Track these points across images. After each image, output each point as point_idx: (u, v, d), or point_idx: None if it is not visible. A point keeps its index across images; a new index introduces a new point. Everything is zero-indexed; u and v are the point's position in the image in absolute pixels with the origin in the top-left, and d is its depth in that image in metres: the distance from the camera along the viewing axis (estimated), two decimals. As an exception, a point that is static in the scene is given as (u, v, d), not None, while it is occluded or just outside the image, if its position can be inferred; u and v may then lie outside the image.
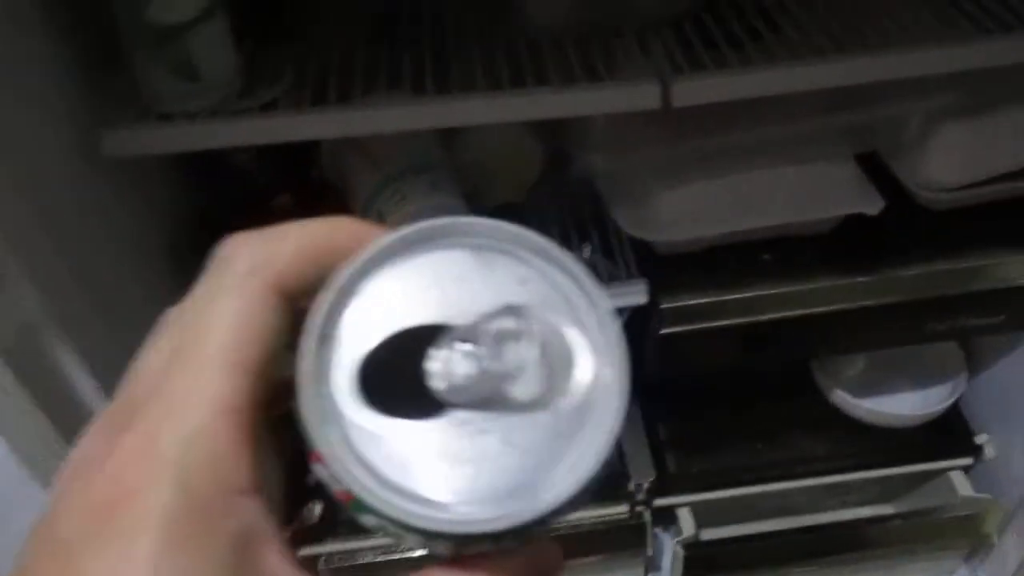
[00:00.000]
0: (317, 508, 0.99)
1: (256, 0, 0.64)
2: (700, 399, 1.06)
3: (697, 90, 0.61)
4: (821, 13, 0.67)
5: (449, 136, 0.80)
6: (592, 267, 0.79)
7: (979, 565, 1.08)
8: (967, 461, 1.02)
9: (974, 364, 1.02)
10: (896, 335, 0.86)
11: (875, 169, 0.78)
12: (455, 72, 0.63)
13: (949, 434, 1.02)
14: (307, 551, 0.98)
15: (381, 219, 0.72)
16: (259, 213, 0.77)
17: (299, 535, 0.98)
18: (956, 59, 0.62)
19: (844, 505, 1.13)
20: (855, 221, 0.77)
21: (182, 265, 0.76)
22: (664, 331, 0.79)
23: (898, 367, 1.04)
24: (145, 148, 0.60)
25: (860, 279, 0.78)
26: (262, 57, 0.66)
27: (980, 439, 1.01)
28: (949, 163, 0.75)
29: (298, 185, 0.82)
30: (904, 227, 0.79)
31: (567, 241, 0.82)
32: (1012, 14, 0.63)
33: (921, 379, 1.04)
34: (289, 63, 0.65)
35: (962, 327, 0.86)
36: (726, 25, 0.66)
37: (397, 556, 0.98)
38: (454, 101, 0.61)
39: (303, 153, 0.81)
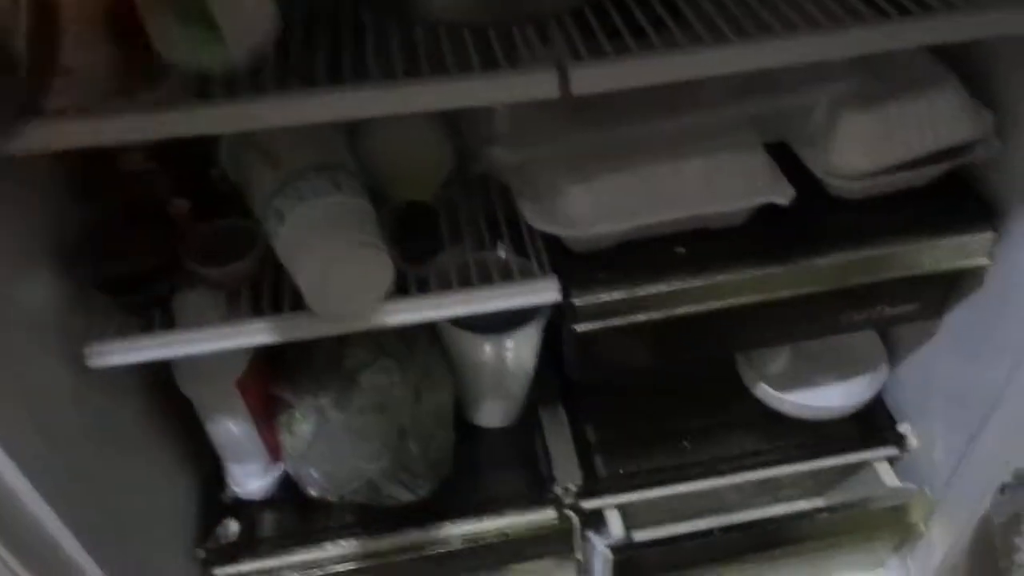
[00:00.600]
0: (232, 526, 0.95)
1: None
2: (627, 399, 1.05)
3: (597, 77, 0.60)
4: (725, 2, 0.66)
5: (355, 134, 0.78)
6: (504, 264, 0.78)
7: (908, 555, 1.09)
8: (892, 451, 1.02)
9: (894, 354, 1.02)
10: (813, 326, 0.86)
11: (787, 159, 0.78)
12: (348, 64, 0.61)
13: (873, 425, 1.03)
14: (223, 572, 0.93)
15: (280, 219, 0.69)
16: (154, 221, 0.74)
17: (214, 553, 0.94)
18: (856, 42, 0.62)
19: (776, 501, 1.13)
20: (768, 212, 0.76)
21: (72, 272, 0.72)
22: (579, 328, 0.77)
23: (821, 360, 1.05)
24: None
25: (774, 270, 0.77)
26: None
27: (903, 429, 1.01)
28: (855, 150, 0.75)
29: (196, 189, 0.78)
30: (817, 217, 0.79)
31: (479, 239, 0.80)
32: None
33: (844, 371, 1.04)
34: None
35: (878, 317, 0.86)
36: (629, 14, 0.65)
37: (318, 573, 0.94)
38: (347, 92, 0.59)
39: (200, 155, 0.77)
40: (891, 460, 1.04)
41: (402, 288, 0.74)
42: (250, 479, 0.96)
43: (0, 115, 0.51)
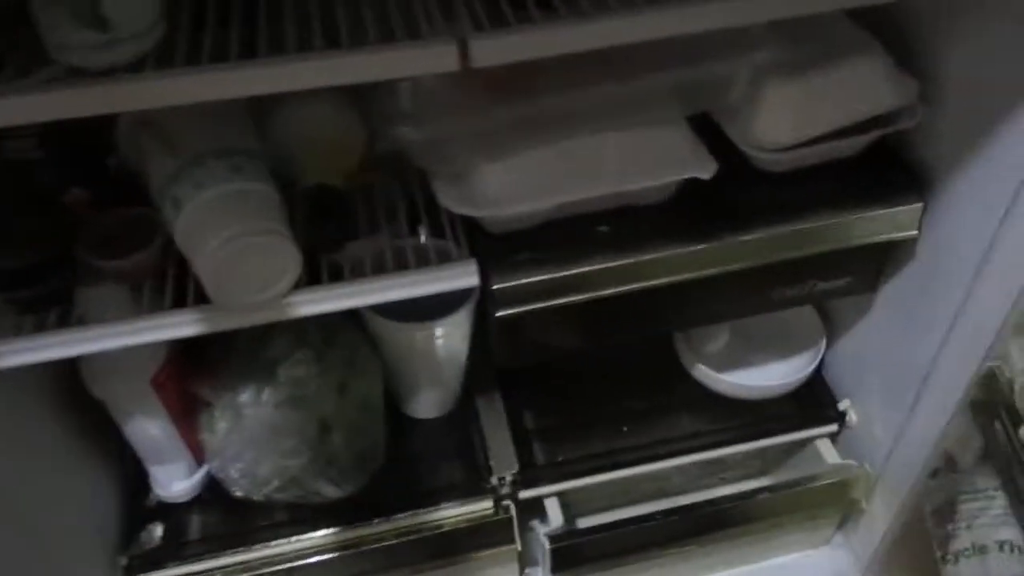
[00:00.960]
0: (156, 531, 0.91)
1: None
2: (564, 384, 1.03)
3: (498, 49, 0.57)
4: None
5: (262, 116, 0.74)
6: (423, 249, 0.75)
7: (852, 532, 1.08)
8: (832, 428, 1.02)
9: (832, 330, 1.01)
10: (744, 304, 0.84)
11: (711, 132, 0.76)
12: (236, 39, 0.57)
13: (813, 403, 1.02)
14: (147, 578, 0.90)
15: (177, 207, 0.65)
16: (47, 211, 0.70)
17: (137, 560, 0.90)
18: (768, 6, 0.59)
19: (723, 483, 1.12)
20: (694, 187, 0.74)
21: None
22: (500, 313, 0.74)
23: (759, 339, 1.04)
24: None
25: (701, 247, 0.75)
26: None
27: (843, 405, 1.00)
28: (779, 121, 0.73)
29: (95, 178, 0.74)
30: (743, 191, 0.77)
31: (395, 223, 0.77)
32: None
33: (782, 349, 1.03)
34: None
35: (810, 292, 0.84)
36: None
37: None
38: (233, 69, 0.55)
39: (96, 140, 0.73)
40: (832, 437, 1.03)
41: (315, 277, 0.71)
42: (174, 481, 0.92)
43: None
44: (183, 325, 0.69)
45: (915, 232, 0.79)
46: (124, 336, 0.70)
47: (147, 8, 0.54)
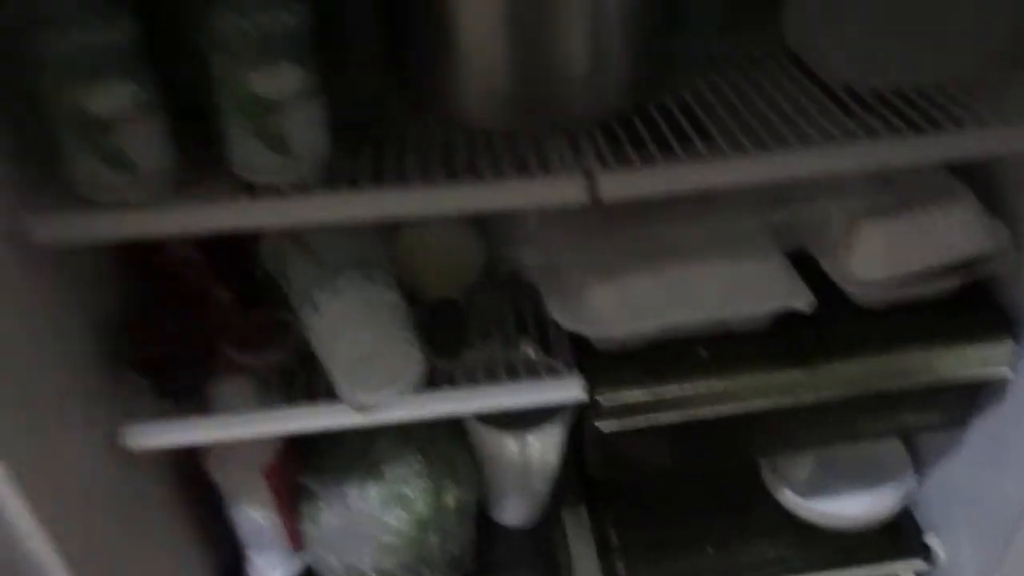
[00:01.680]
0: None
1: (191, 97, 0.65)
2: (650, 501, 1.05)
3: (624, 184, 0.63)
4: (745, 118, 0.70)
5: (390, 233, 0.81)
6: (531, 362, 0.80)
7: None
8: (919, 564, 1.00)
9: (921, 463, 1.01)
10: (835, 433, 0.86)
11: (808, 266, 0.80)
12: (391, 166, 0.65)
13: (900, 536, 1.01)
14: None
15: (317, 310, 0.72)
16: (195, 309, 0.77)
17: None
18: (867, 157, 0.65)
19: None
20: (791, 317, 0.78)
21: (111, 363, 0.74)
22: (601, 426, 0.78)
23: (847, 468, 1.04)
24: (72, 235, 0.60)
25: (796, 374, 0.79)
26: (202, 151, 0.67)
27: (930, 540, 1.00)
28: (873, 259, 0.77)
29: (237, 280, 0.82)
30: (838, 323, 0.80)
31: (507, 337, 0.83)
32: (922, 117, 0.67)
33: (870, 480, 1.03)
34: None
35: (899, 425, 0.86)
36: (655, 127, 0.69)
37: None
38: (387, 193, 0.62)
39: (242, 248, 0.81)
40: (918, 573, 1.02)
41: (430, 382, 0.76)
42: (270, 569, 0.96)
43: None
44: (308, 420, 0.75)
45: (1007, 371, 0.81)
46: (254, 426, 0.76)
47: (319, 138, 0.62)
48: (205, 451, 0.87)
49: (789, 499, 1.01)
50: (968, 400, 0.86)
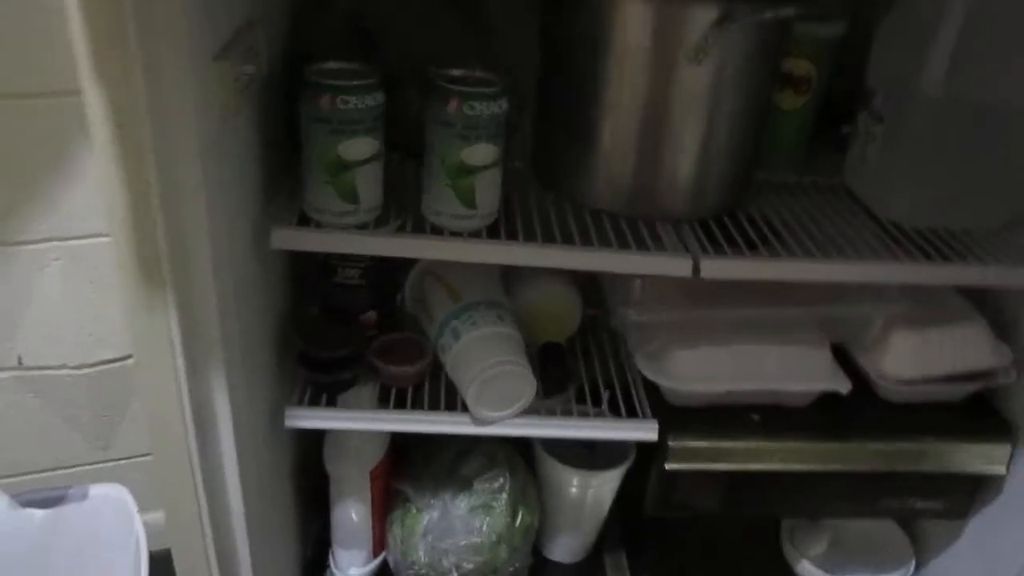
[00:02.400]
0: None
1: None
2: (683, 557, 1.19)
3: (722, 267, 0.82)
4: (811, 232, 0.89)
5: (510, 283, 1.00)
6: (614, 406, 0.97)
7: None
8: (914, 643, 1.14)
9: (922, 553, 1.16)
10: (855, 503, 1.02)
11: (844, 359, 0.98)
12: (535, 228, 0.84)
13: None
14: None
15: (455, 337, 0.90)
16: (349, 322, 0.95)
17: None
18: (903, 274, 0.84)
19: None
20: (830, 398, 0.96)
21: (285, 348, 0.93)
22: (669, 466, 0.95)
23: (858, 549, 1.19)
24: (305, 246, 0.80)
25: (828, 446, 0.96)
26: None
27: (925, 623, 1.13)
28: (902, 360, 0.95)
29: (384, 307, 1.00)
30: (867, 409, 0.98)
31: (593, 382, 1.00)
32: (950, 250, 0.86)
33: (877, 563, 1.18)
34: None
35: (910, 507, 1.02)
36: (741, 229, 0.89)
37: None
38: (537, 247, 0.82)
39: (393, 282, 1.00)
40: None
41: (534, 410, 0.93)
42: (353, 566, 1.11)
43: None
44: (433, 424, 0.92)
45: (1003, 470, 0.98)
46: (387, 423, 0.93)
47: (495, 199, 0.82)
48: (329, 444, 1.03)
49: (806, 569, 1.15)
50: (969, 492, 1.02)
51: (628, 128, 0.85)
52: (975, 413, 0.99)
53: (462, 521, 1.01)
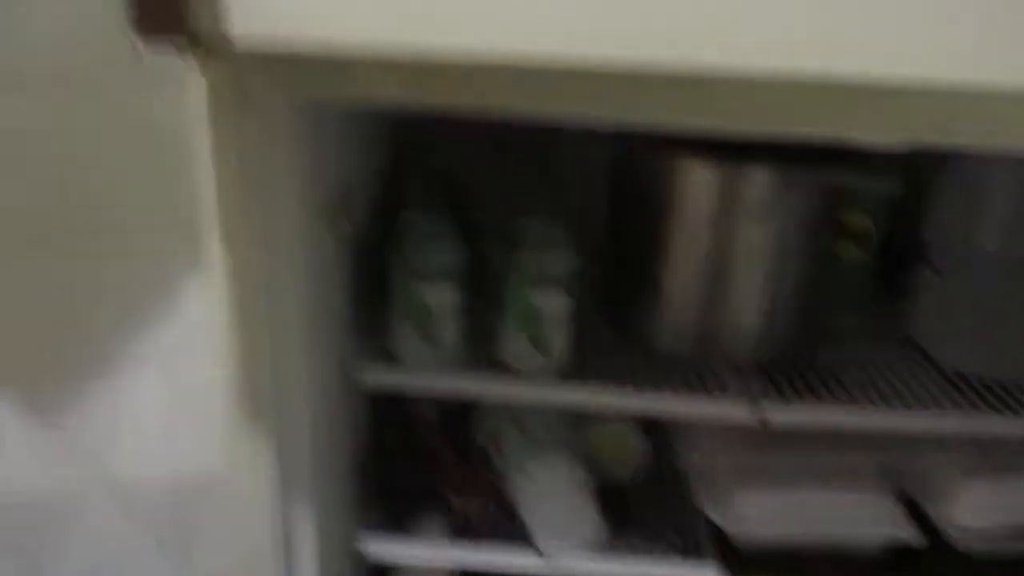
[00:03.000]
0: None
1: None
2: None
3: (784, 412, 0.85)
4: (874, 380, 0.92)
5: (578, 426, 1.04)
6: (676, 547, 0.98)
7: None
8: None
9: None
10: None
11: (915, 510, 0.98)
12: (605, 372, 0.89)
13: None
14: None
15: (527, 475, 0.94)
16: (427, 457, 1.00)
17: None
18: (959, 424, 0.86)
19: None
20: (900, 551, 0.95)
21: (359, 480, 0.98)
22: (731, 612, 0.94)
23: None
24: (392, 385, 0.86)
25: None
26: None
27: None
28: (971, 508, 0.94)
29: (458, 441, 1.05)
30: (940, 563, 0.96)
31: (657, 522, 1.02)
32: (1015, 401, 0.87)
33: None
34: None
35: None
36: (803, 375, 0.92)
37: None
38: (606, 391, 0.86)
39: (467, 417, 1.05)
40: None
41: (597, 548, 0.95)
42: None
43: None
44: (501, 556, 0.94)
45: (1090, 630, 0.94)
46: (460, 553, 0.96)
47: (566, 343, 0.87)
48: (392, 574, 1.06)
49: None
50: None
51: (694, 279, 0.90)
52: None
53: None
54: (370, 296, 0.90)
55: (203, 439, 1.26)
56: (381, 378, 0.86)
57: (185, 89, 0.60)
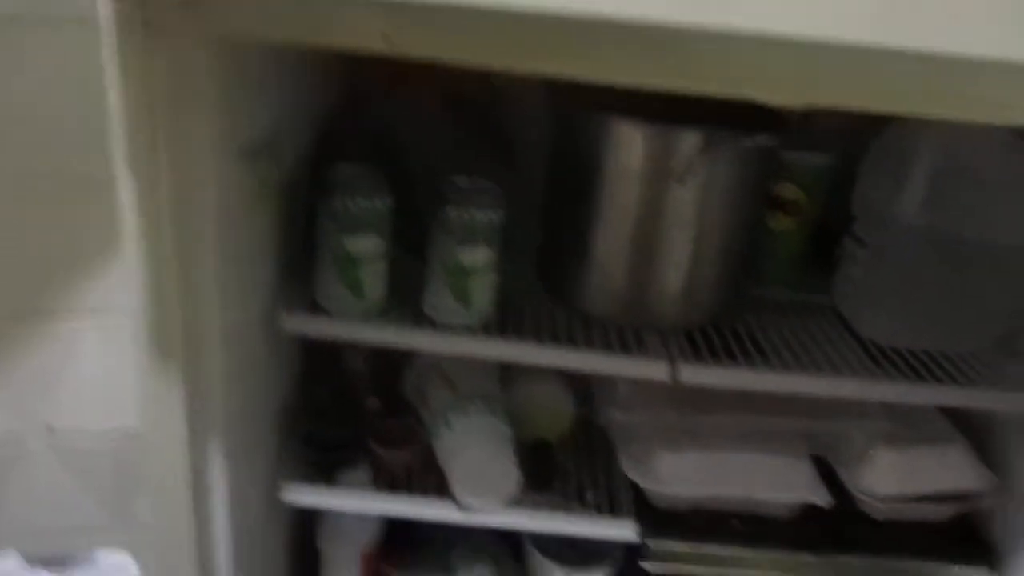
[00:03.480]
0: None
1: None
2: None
3: (699, 373, 0.87)
4: (793, 347, 0.94)
5: (507, 381, 1.05)
6: (600, 505, 1.00)
7: None
8: None
9: None
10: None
11: (827, 473, 1.01)
12: (529, 330, 0.90)
13: None
14: None
15: (448, 427, 0.95)
16: (351, 406, 1.01)
17: None
18: (881, 391, 0.88)
19: None
20: (814, 512, 0.98)
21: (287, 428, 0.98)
22: (649, 567, 0.97)
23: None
24: (312, 331, 0.86)
25: (807, 558, 0.97)
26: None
27: None
28: (881, 477, 0.97)
29: (386, 395, 1.06)
30: (847, 523, 0.99)
31: (579, 480, 1.03)
32: (926, 371, 0.90)
33: None
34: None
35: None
36: (725, 340, 0.93)
37: None
38: (527, 345, 0.87)
39: (395, 371, 1.06)
40: None
41: (518, 503, 0.97)
42: (340, 648, 1.13)
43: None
44: (419, 509, 0.96)
45: (983, 595, 0.98)
46: (379, 504, 0.97)
47: (490, 299, 0.88)
48: (323, 523, 1.07)
49: None
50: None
51: (620, 241, 0.91)
52: (957, 535, 1.00)
53: (445, 609, 1.03)
54: (300, 245, 0.90)
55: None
56: (302, 326, 0.86)
57: (94, 26, 0.59)
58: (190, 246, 0.67)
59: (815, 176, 1.03)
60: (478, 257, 0.85)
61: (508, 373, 1.05)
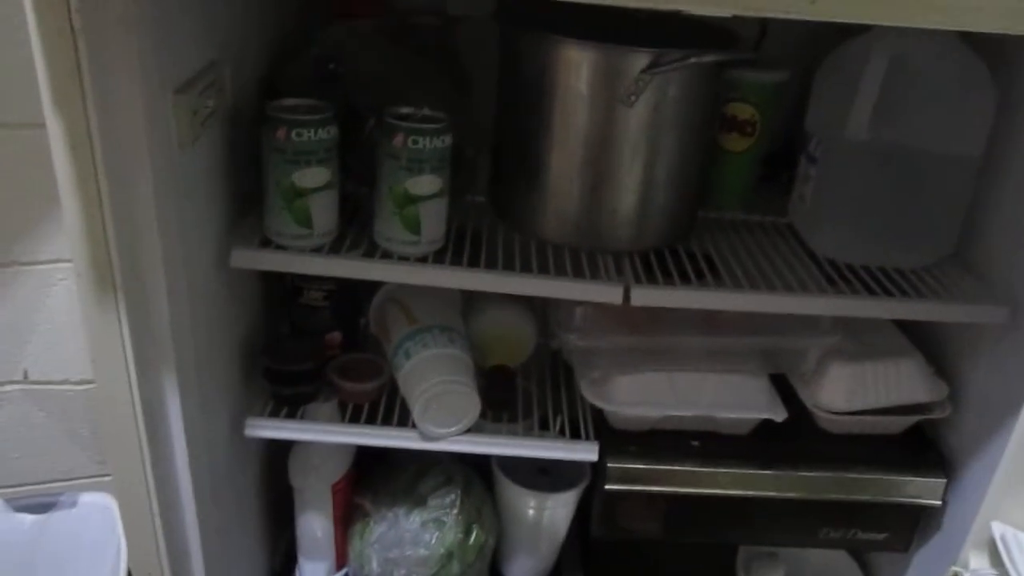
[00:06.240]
0: None
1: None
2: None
3: (651, 295, 0.87)
4: (748, 267, 0.94)
5: (468, 312, 1.06)
6: (560, 429, 1.01)
7: None
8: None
9: (873, 587, 1.18)
10: (796, 532, 1.05)
11: (784, 388, 1.02)
12: (483, 257, 0.90)
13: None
14: None
15: (407, 357, 0.96)
16: (313, 340, 1.01)
17: None
18: (833, 306, 0.89)
19: None
20: (767, 427, 0.99)
21: (250, 363, 0.99)
22: (608, 487, 0.99)
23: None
24: (261, 265, 0.86)
25: (765, 474, 0.99)
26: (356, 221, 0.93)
27: (875, 657, 1.15)
28: (836, 393, 0.98)
29: (348, 328, 1.06)
30: (804, 438, 1.01)
31: (542, 404, 1.05)
32: (879, 286, 0.90)
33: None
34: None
35: (852, 538, 1.05)
36: (680, 262, 0.94)
37: None
38: (479, 273, 0.88)
39: (356, 305, 1.06)
40: None
41: (481, 429, 0.98)
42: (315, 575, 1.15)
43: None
44: (384, 438, 0.97)
45: (939, 502, 1.00)
46: (343, 436, 0.98)
47: (441, 227, 0.88)
48: (293, 458, 1.09)
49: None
50: (909, 525, 1.04)
51: (571, 165, 0.91)
52: (912, 446, 1.02)
53: (412, 534, 1.06)
54: (250, 180, 0.90)
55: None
56: (252, 260, 0.86)
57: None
58: (123, 181, 0.67)
59: (769, 95, 1.02)
60: (427, 185, 0.84)
61: (471, 302, 1.06)
